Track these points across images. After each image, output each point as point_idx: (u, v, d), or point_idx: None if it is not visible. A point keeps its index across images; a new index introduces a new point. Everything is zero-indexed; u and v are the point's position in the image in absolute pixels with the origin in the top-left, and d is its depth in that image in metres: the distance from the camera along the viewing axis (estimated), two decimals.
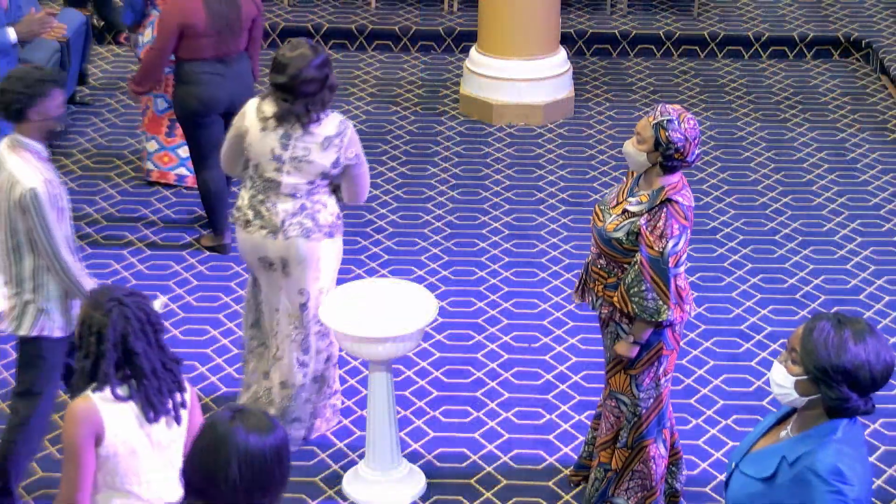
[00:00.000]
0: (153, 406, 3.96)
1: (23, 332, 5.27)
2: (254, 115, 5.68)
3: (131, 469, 4.01)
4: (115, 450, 3.96)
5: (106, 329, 3.90)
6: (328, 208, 5.75)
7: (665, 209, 5.06)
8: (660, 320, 5.12)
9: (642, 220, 5.09)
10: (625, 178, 5.37)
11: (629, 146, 5.16)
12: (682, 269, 5.12)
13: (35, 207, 5.07)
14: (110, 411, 3.94)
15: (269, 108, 5.63)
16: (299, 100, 5.54)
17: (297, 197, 5.67)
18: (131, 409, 3.96)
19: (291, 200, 5.66)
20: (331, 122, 5.64)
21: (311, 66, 5.54)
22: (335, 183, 5.79)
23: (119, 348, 3.92)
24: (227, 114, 7.06)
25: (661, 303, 5.10)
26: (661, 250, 5.05)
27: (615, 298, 5.21)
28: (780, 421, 3.75)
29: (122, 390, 3.95)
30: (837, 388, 3.47)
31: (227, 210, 7.35)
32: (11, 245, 5.18)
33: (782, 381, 3.56)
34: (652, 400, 5.36)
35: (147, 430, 3.99)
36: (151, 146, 8.32)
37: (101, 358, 3.92)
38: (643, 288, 5.09)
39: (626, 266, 5.19)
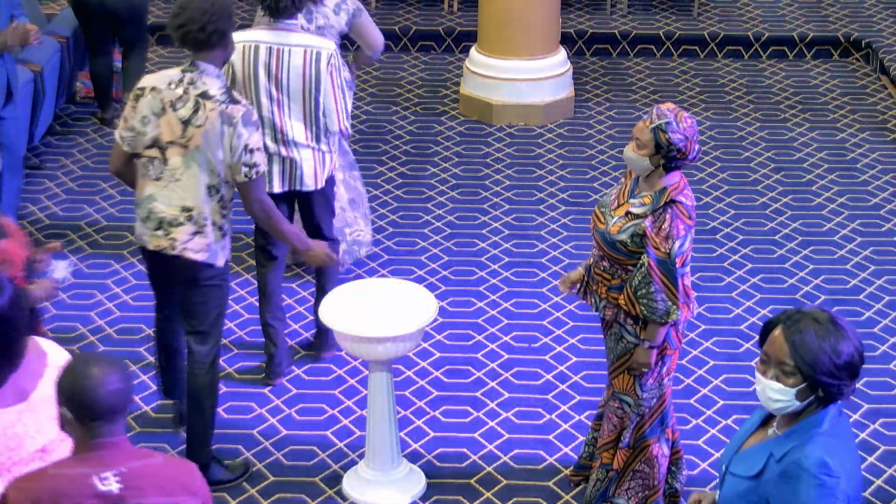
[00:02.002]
0: None
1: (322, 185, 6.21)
2: None
3: None
4: None
5: None
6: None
7: (670, 210, 5.05)
8: (669, 321, 5.12)
9: (647, 222, 5.08)
10: (622, 179, 5.35)
11: (630, 152, 5.13)
12: (687, 268, 5.13)
13: (338, 67, 6.01)
14: None
15: None
16: None
17: None
18: None
19: None
20: None
21: None
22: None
23: None
24: (103, 14, 8.69)
25: (670, 304, 5.09)
26: (668, 251, 5.04)
27: (621, 300, 5.19)
28: (766, 419, 3.75)
29: None
30: (840, 382, 3.49)
31: (110, 91, 9.04)
32: (316, 112, 6.02)
33: (781, 396, 3.54)
34: (655, 400, 5.35)
35: None
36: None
37: None
38: (652, 290, 5.08)
39: (629, 268, 5.17)
